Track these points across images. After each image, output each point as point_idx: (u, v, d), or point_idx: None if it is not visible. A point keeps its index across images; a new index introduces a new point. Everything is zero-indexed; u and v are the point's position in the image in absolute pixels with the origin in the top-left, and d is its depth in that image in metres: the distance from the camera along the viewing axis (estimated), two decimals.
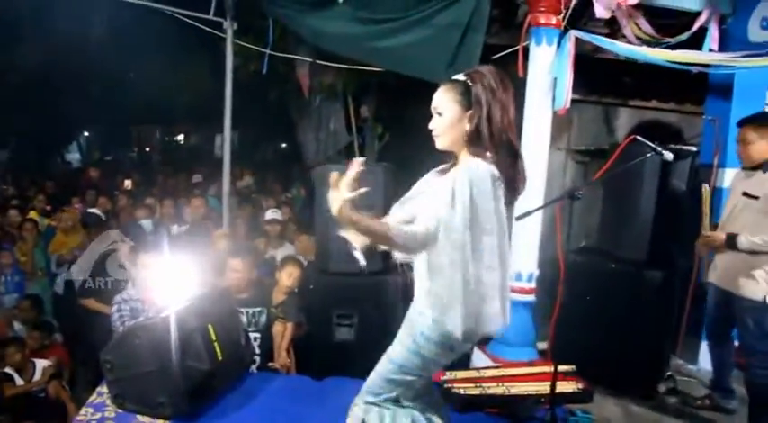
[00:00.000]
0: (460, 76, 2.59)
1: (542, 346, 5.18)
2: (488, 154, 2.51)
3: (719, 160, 5.19)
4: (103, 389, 3.88)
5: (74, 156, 14.28)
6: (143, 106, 16.36)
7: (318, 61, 6.53)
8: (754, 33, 4.99)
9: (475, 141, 2.54)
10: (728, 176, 4.87)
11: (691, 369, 5.13)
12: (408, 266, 2.98)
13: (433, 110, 2.61)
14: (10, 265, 6.93)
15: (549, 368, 4.23)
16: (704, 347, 4.86)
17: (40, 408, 5.58)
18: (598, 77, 6.22)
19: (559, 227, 3.94)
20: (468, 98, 2.53)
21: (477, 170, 2.43)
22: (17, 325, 6.43)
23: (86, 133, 17.08)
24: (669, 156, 3.93)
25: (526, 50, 4.84)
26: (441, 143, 2.61)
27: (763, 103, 5.29)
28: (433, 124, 2.60)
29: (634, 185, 4.65)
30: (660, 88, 6.81)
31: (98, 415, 3.64)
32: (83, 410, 3.71)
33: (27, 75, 14.77)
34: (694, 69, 4.69)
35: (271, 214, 6.54)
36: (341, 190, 2.30)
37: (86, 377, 6.46)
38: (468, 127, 2.53)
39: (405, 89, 8.14)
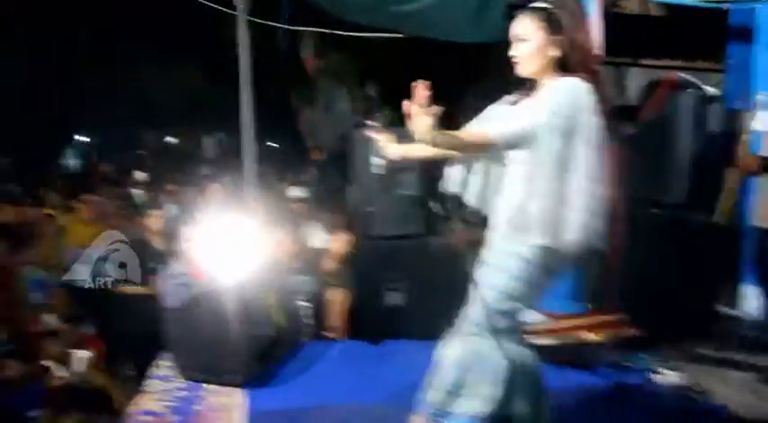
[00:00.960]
0: (542, 3, 2.57)
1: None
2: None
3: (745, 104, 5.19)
4: (164, 361, 3.86)
5: (73, 161, 14.21)
6: (135, 110, 16.23)
7: (336, 32, 6.42)
8: None
9: (563, 67, 2.56)
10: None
11: (732, 313, 5.13)
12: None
13: (514, 38, 2.59)
14: (34, 261, 6.86)
15: (604, 318, 4.26)
16: (746, 292, 4.86)
17: (84, 398, 5.53)
18: (608, 37, 6.23)
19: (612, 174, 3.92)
20: (553, 24, 2.53)
21: (574, 83, 2.47)
22: (47, 317, 6.37)
23: (85, 139, 16.99)
24: (711, 90, 3.93)
25: None
26: (524, 69, 2.60)
27: None
28: (517, 51, 2.59)
29: (669, 129, 4.63)
30: (670, 46, 6.82)
31: (166, 385, 3.62)
32: (147, 382, 3.70)
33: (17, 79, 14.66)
34: (725, 5, 4.68)
35: (293, 192, 6.49)
36: (420, 113, 2.26)
37: (122, 367, 6.45)
38: (554, 53, 2.54)
39: (409, 67, 8.15)
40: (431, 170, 3.12)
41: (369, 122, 2.91)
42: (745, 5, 4.69)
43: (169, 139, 23.04)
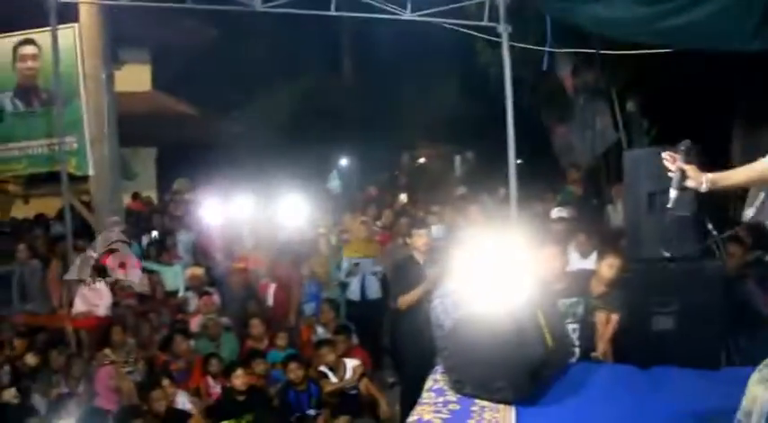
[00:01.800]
0: None
1: None
2: None
3: None
4: (437, 376, 4.04)
5: (335, 183, 15.35)
6: (389, 131, 17.16)
7: (602, 52, 6.39)
8: None
9: None
10: None
11: None
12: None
13: None
14: (307, 277, 7.56)
15: None
16: None
17: (354, 403, 5.98)
18: None
19: None
20: None
21: None
22: (320, 330, 6.97)
23: (344, 161, 18.25)
24: None
25: None
26: None
27: None
28: None
29: None
30: None
31: (441, 399, 3.78)
32: (425, 394, 3.87)
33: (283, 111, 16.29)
34: None
35: (557, 213, 6.49)
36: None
37: (383, 377, 6.86)
38: None
39: (671, 81, 7.82)
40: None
41: (677, 148, 2.82)
42: None
43: (421, 159, 24.11)
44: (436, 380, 4.02)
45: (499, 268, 4.19)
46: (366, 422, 6.03)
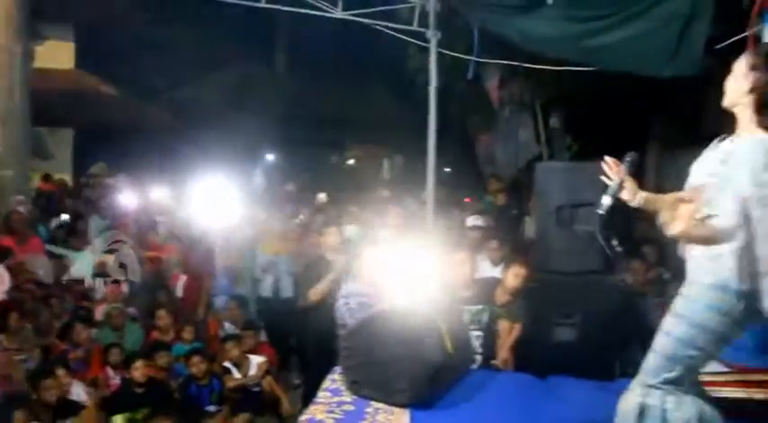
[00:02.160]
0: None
1: None
2: None
3: None
4: (335, 376, 4.00)
5: (258, 178, 15.14)
6: (320, 131, 17.06)
7: (525, 65, 6.47)
8: None
9: (760, 110, 2.43)
10: None
11: None
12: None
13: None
14: (220, 270, 7.40)
15: None
16: None
17: (256, 401, 5.88)
18: None
19: None
20: (751, 61, 2.46)
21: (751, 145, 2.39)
22: (227, 325, 6.84)
23: (270, 157, 18.06)
24: None
25: (755, 40, 4.57)
26: (725, 102, 2.53)
27: None
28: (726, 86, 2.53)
29: None
30: None
31: (336, 399, 3.73)
32: (320, 393, 3.82)
33: (212, 101, 15.99)
34: None
35: (472, 220, 6.55)
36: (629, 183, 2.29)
37: (289, 377, 6.78)
38: (746, 90, 2.44)
39: (596, 99, 8.01)
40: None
41: (624, 158, 2.84)
42: None
43: (350, 161, 24.10)
44: (334, 380, 3.97)
45: (407, 272, 4.20)
46: (267, 420, 5.94)
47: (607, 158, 2.79)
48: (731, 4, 5.05)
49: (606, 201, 2.78)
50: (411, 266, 4.24)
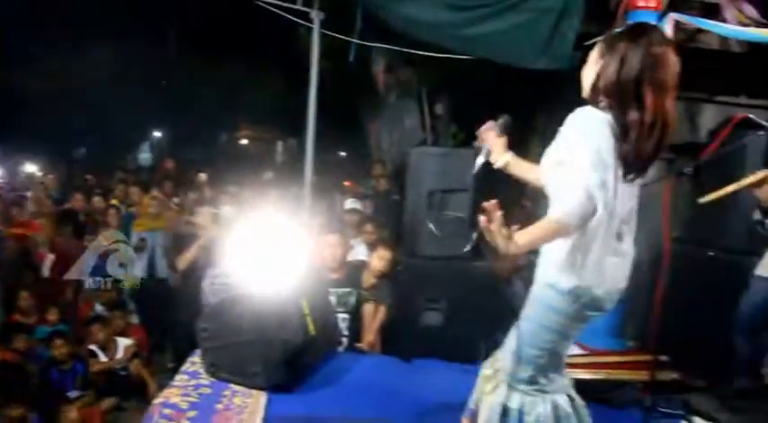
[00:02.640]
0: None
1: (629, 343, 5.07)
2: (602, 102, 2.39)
3: None
4: (196, 358, 3.90)
5: (145, 155, 14.63)
6: (212, 110, 16.66)
7: (407, 50, 6.48)
8: None
9: (594, 88, 2.43)
10: None
11: None
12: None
13: None
14: (91, 249, 7.08)
15: (643, 357, 4.14)
16: None
17: (122, 384, 5.69)
18: (683, 72, 6.07)
19: (666, 211, 3.79)
20: (601, 48, 2.45)
21: (580, 112, 2.35)
22: (98, 306, 6.57)
23: (157, 134, 17.49)
24: None
25: None
26: (583, 91, 2.50)
27: None
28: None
29: (734, 170, 4.45)
30: (750, 83, 6.60)
31: (193, 382, 3.64)
32: (177, 376, 3.72)
33: (98, 74, 15.23)
34: None
35: (350, 204, 6.54)
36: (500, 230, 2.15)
37: (162, 360, 6.59)
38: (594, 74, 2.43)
39: (480, 87, 8.14)
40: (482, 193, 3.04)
41: (494, 122, 2.79)
42: None
43: (243, 141, 23.69)
44: (193, 362, 3.87)
45: (275, 253, 4.13)
46: (134, 404, 5.75)
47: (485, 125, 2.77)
48: (601, 5, 5.23)
49: (479, 161, 2.74)
50: (279, 248, 4.17)
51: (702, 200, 3.99)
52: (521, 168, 2.74)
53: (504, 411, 2.62)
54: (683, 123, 6.74)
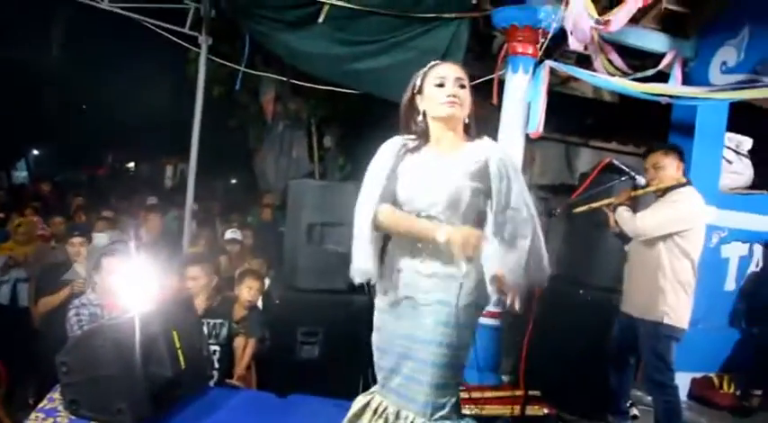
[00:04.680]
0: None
1: (504, 378, 5.19)
2: None
3: None
4: (56, 395, 3.68)
5: (21, 173, 13.82)
6: (96, 128, 16.02)
7: (293, 81, 6.49)
8: (715, 77, 5.18)
9: (472, 125, 2.70)
10: None
11: (650, 400, 5.15)
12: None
13: (454, 80, 2.64)
14: None
15: (515, 392, 4.25)
16: None
17: None
18: (561, 116, 6.39)
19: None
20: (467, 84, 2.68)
21: (506, 153, 2.64)
22: None
23: (35, 152, 16.63)
24: (642, 180, 4.07)
25: (500, 82, 4.95)
26: (458, 112, 2.63)
27: (722, 143, 5.48)
28: (457, 92, 2.62)
29: (604, 212, 4.69)
30: (620, 130, 7.01)
31: (50, 420, 3.44)
32: (33, 415, 3.50)
33: None
34: (664, 100, 4.86)
35: (230, 234, 6.45)
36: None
37: (24, 396, 6.18)
38: (469, 111, 2.67)
39: (368, 120, 8.23)
40: None
41: None
42: (687, 102, 4.85)
43: (130, 163, 22.97)
44: (52, 399, 3.65)
45: (143, 282, 3.99)
46: None
47: None
48: (483, 47, 5.43)
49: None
50: (150, 276, 4.04)
51: (574, 210, 4.27)
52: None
53: None
54: (561, 165, 7.08)
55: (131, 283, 3.95)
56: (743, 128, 5.66)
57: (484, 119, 3.31)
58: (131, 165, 22.40)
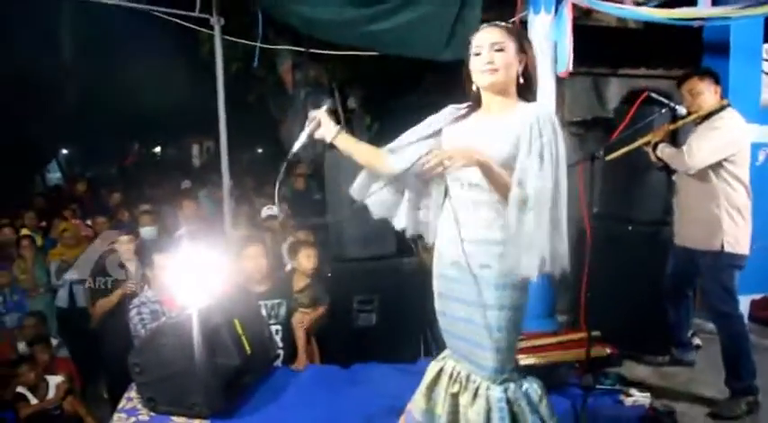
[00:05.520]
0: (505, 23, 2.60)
1: (561, 318, 5.19)
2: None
3: None
4: (132, 393, 3.79)
5: (55, 175, 13.98)
6: (119, 120, 16.09)
7: (311, 50, 6.41)
8: None
9: (528, 87, 2.59)
10: None
11: (712, 327, 5.11)
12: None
13: (487, 46, 2.52)
14: (9, 284, 6.75)
15: (575, 335, 4.24)
16: None
17: None
18: (586, 48, 6.23)
19: (582, 191, 3.89)
20: (521, 41, 2.56)
21: (552, 114, 2.50)
22: (21, 344, 6.28)
23: (65, 151, 16.79)
24: (683, 110, 3.97)
25: (523, 23, 4.82)
26: (499, 78, 2.53)
27: (760, 57, 5.31)
28: (492, 58, 2.51)
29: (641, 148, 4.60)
30: (647, 55, 6.83)
31: (132, 419, 3.55)
32: (115, 416, 3.61)
33: None
34: (696, 23, 4.71)
35: (266, 211, 6.46)
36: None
37: (97, 391, 6.37)
38: (520, 70, 2.55)
39: (391, 79, 8.14)
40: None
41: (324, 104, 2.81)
42: (715, 23, 4.69)
43: (156, 148, 23.12)
44: (130, 398, 3.77)
45: (198, 273, 4.03)
46: None
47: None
48: None
49: (301, 139, 2.82)
50: (203, 267, 4.08)
51: (608, 157, 4.18)
52: (347, 143, 2.84)
53: (489, 415, 2.63)
54: (591, 98, 6.94)
55: (185, 276, 4.00)
56: None
57: None
58: (158, 149, 22.55)
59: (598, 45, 6.38)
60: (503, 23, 2.59)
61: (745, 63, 5.12)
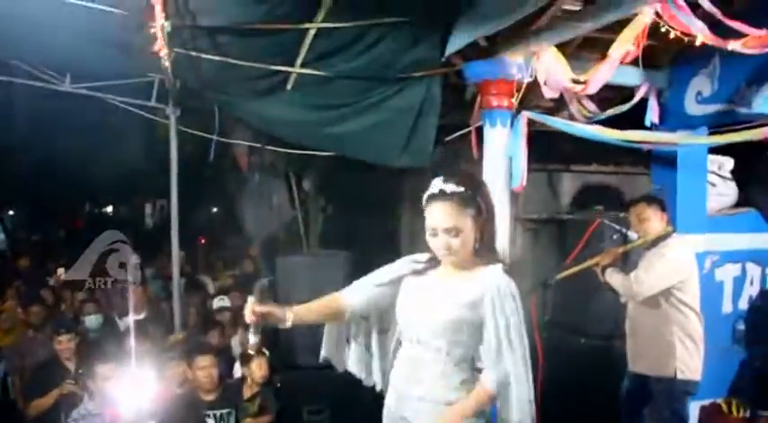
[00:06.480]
0: (458, 188, 2.46)
1: None
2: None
3: None
4: None
5: None
6: (70, 182, 15.78)
7: (267, 147, 6.42)
8: (691, 107, 5.13)
9: (486, 247, 2.53)
10: None
11: None
12: None
13: (445, 231, 2.47)
14: None
15: None
16: None
17: None
18: (540, 145, 6.37)
19: (535, 314, 3.92)
20: (477, 206, 2.48)
21: (510, 282, 2.48)
22: None
23: (11, 212, 16.37)
24: (634, 235, 4.06)
25: (478, 130, 4.90)
26: (456, 257, 2.51)
27: (705, 166, 5.47)
28: (449, 244, 2.47)
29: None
30: (598, 152, 7.01)
31: None
32: None
33: None
34: (645, 147, 4.86)
35: (218, 302, 6.34)
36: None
37: None
38: (477, 235, 2.49)
39: (344, 164, 8.13)
40: None
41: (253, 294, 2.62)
42: (664, 150, 4.86)
43: (108, 208, 22.70)
44: None
45: (145, 384, 3.90)
46: None
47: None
48: (457, 96, 5.36)
49: (252, 340, 2.58)
50: (148, 381, 3.95)
51: (558, 276, 4.24)
52: (302, 316, 2.64)
53: None
54: (546, 194, 7.06)
55: (130, 391, 3.85)
56: (722, 147, 5.65)
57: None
58: (110, 209, 22.17)
59: (550, 142, 6.53)
60: (457, 190, 2.46)
61: (691, 174, 5.27)
